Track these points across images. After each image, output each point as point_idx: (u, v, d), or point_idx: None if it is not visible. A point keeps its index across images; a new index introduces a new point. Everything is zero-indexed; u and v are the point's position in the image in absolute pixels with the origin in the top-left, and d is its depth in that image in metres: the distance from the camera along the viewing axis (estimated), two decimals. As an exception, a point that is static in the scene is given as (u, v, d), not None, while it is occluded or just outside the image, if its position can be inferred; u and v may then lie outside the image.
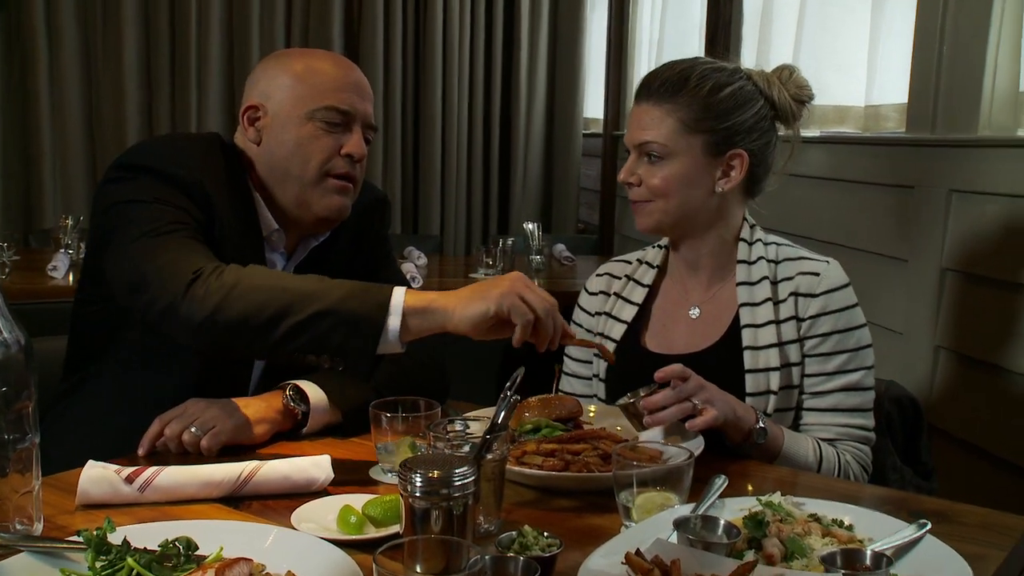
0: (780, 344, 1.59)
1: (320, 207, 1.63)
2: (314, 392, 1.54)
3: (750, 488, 1.29)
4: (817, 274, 1.62)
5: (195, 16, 4.61)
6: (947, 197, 2.24)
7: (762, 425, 1.49)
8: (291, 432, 1.53)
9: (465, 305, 1.33)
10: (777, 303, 1.62)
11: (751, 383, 1.58)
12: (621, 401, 1.46)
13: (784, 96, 1.66)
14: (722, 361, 1.60)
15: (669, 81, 1.62)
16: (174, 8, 4.60)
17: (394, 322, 1.33)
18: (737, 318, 1.63)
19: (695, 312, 1.70)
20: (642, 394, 1.44)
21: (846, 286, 1.62)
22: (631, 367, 1.61)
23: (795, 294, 1.62)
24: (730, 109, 1.61)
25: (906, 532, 1.12)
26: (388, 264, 1.92)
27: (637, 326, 1.72)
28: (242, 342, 1.37)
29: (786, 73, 1.68)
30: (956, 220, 2.22)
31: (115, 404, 1.58)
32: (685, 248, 1.71)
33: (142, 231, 1.44)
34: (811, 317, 1.60)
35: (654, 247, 1.81)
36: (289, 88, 1.61)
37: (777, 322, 1.61)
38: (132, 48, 4.52)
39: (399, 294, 1.34)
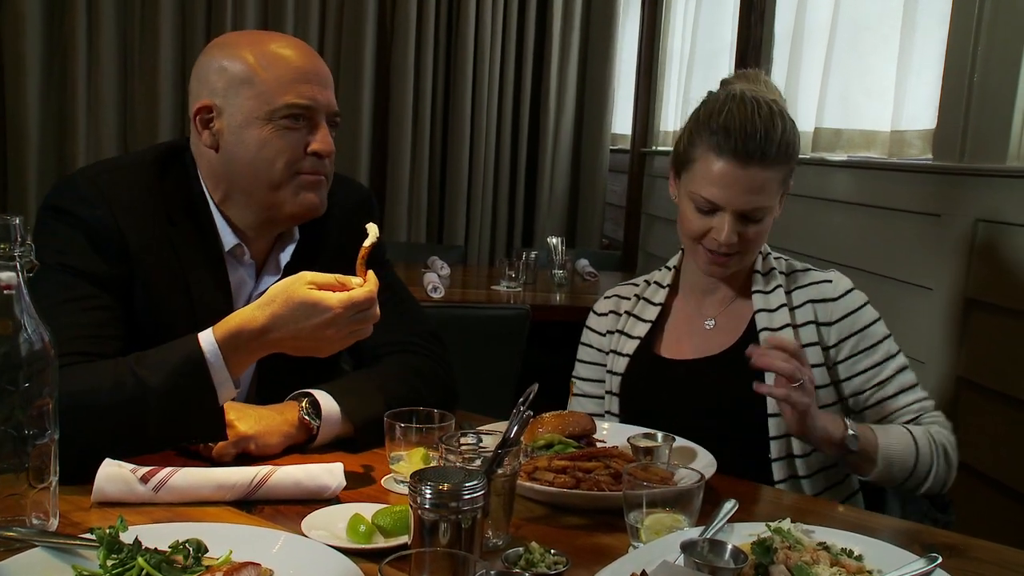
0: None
1: (292, 206, 1.56)
2: (327, 404, 1.52)
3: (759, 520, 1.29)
4: (830, 281, 1.68)
5: (230, 22, 4.68)
6: (973, 226, 2.22)
7: (852, 432, 1.49)
8: (303, 445, 1.52)
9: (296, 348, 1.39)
10: (792, 309, 1.66)
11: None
12: (643, 443, 1.45)
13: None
14: (739, 363, 1.58)
15: (782, 146, 1.58)
16: (210, 15, 4.68)
17: (227, 393, 1.37)
18: (753, 323, 1.66)
19: (711, 323, 1.72)
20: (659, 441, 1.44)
21: (855, 290, 1.69)
22: (646, 375, 1.62)
23: (811, 301, 1.66)
24: (798, 146, 1.64)
25: (916, 565, 1.10)
26: (382, 266, 1.79)
27: (650, 340, 1.73)
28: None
29: (773, 86, 1.70)
30: (982, 250, 2.20)
31: None
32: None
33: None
34: (838, 320, 1.64)
35: (662, 268, 1.81)
36: (243, 84, 1.50)
37: (795, 326, 1.64)
38: (168, 53, 4.61)
39: (220, 367, 1.35)
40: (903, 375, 1.65)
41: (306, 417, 1.51)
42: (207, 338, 1.36)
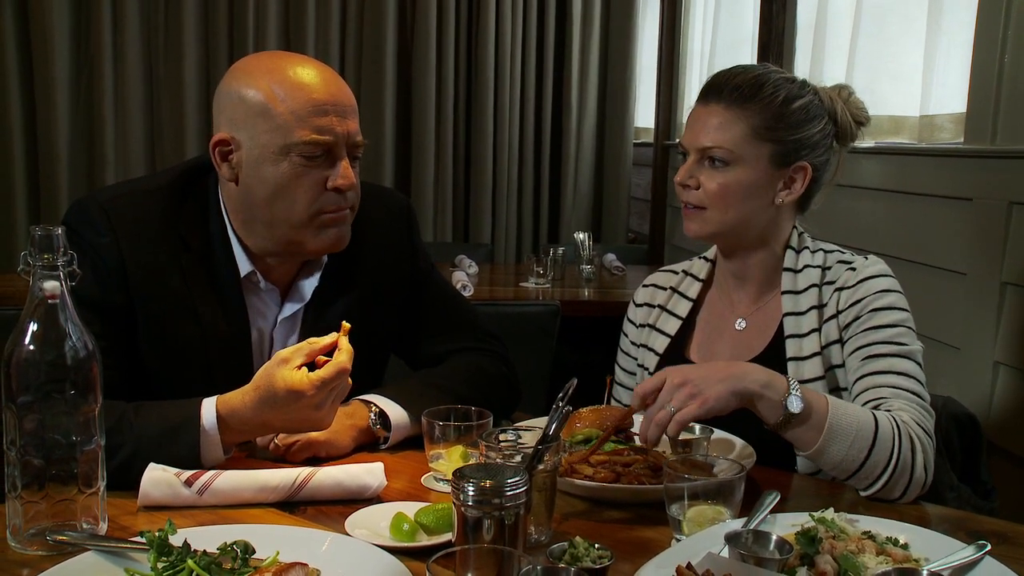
0: (822, 349, 1.57)
1: (314, 244, 1.52)
2: (396, 413, 1.52)
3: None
4: (854, 268, 1.60)
5: (252, 33, 4.73)
6: (1007, 209, 2.19)
7: (795, 392, 1.33)
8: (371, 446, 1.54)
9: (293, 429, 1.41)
10: (821, 307, 1.60)
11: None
12: (683, 435, 1.43)
13: (846, 116, 1.64)
14: None
15: (743, 86, 1.57)
16: (232, 24, 4.72)
17: (214, 457, 1.38)
18: (781, 328, 1.62)
19: (741, 324, 1.68)
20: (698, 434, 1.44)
21: (884, 276, 1.57)
22: None
23: (838, 289, 1.59)
24: (801, 122, 1.59)
25: (964, 553, 1.09)
26: (430, 283, 1.78)
27: (681, 338, 1.71)
28: None
29: (845, 93, 1.66)
30: (1017, 233, 2.18)
31: None
32: (734, 260, 1.69)
33: None
34: (854, 303, 1.55)
35: (700, 259, 1.80)
36: (259, 116, 1.44)
37: (819, 330, 1.58)
38: (192, 67, 4.67)
39: (214, 434, 1.35)
40: (898, 359, 1.49)
41: (375, 427, 1.52)
42: (208, 408, 1.36)
